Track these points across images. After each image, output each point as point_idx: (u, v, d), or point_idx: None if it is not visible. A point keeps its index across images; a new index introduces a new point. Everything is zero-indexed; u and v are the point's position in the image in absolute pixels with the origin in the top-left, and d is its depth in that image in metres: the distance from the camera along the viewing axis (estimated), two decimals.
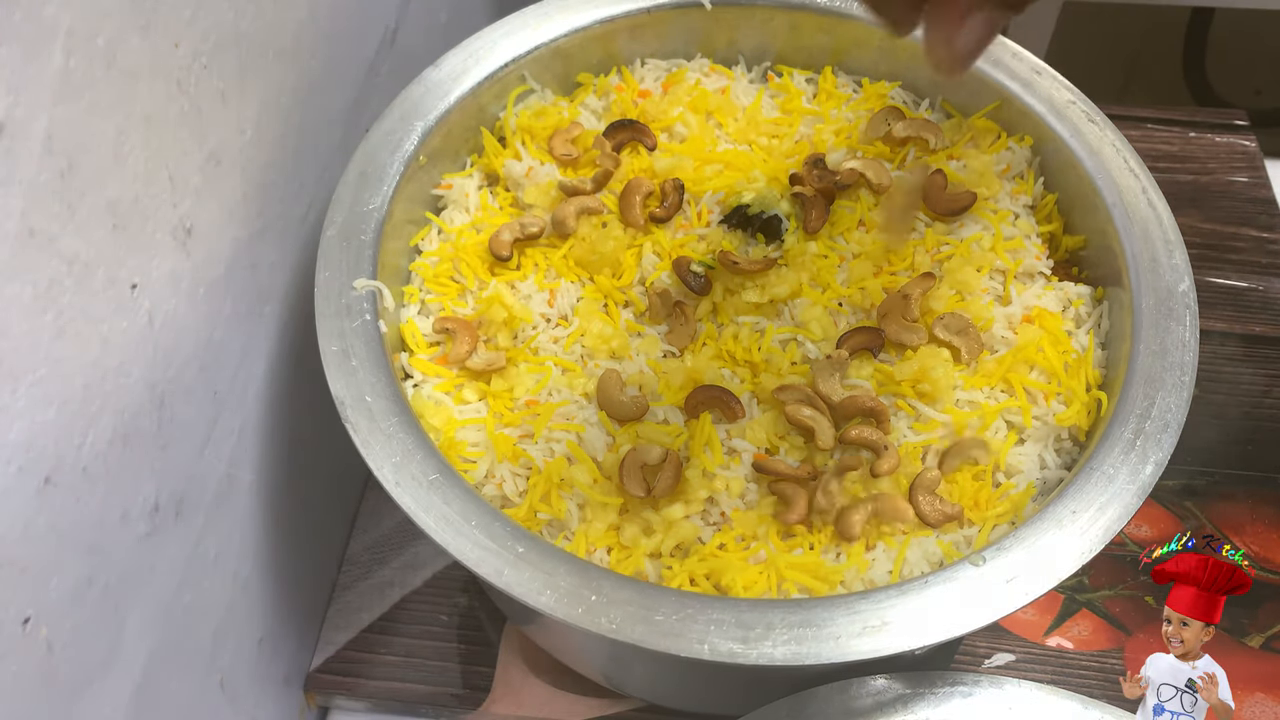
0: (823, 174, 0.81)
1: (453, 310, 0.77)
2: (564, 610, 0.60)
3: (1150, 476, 0.65)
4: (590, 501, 0.69)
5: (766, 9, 0.90)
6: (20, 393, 0.50)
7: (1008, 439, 0.72)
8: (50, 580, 0.54)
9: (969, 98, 0.88)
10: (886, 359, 0.75)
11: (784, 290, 0.76)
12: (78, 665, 0.57)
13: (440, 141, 0.82)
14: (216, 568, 0.72)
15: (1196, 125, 1.22)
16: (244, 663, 0.77)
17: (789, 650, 0.59)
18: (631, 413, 0.71)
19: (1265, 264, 1.11)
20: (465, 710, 0.85)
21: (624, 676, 0.80)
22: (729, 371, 0.75)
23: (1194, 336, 0.71)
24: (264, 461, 0.79)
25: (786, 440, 0.72)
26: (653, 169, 0.83)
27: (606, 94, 0.89)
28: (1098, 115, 0.83)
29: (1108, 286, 0.78)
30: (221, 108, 0.66)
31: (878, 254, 0.79)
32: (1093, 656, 0.87)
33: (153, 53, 0.58)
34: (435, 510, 0.63)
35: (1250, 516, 0.95)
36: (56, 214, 0.51)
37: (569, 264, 0.79)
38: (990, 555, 0.62)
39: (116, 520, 0.59)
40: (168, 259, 0.62)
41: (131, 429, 0.60)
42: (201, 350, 0.67)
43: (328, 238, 0.74)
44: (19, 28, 0.47)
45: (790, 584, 0.66)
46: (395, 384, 0.69)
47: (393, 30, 0.93)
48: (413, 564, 0.91)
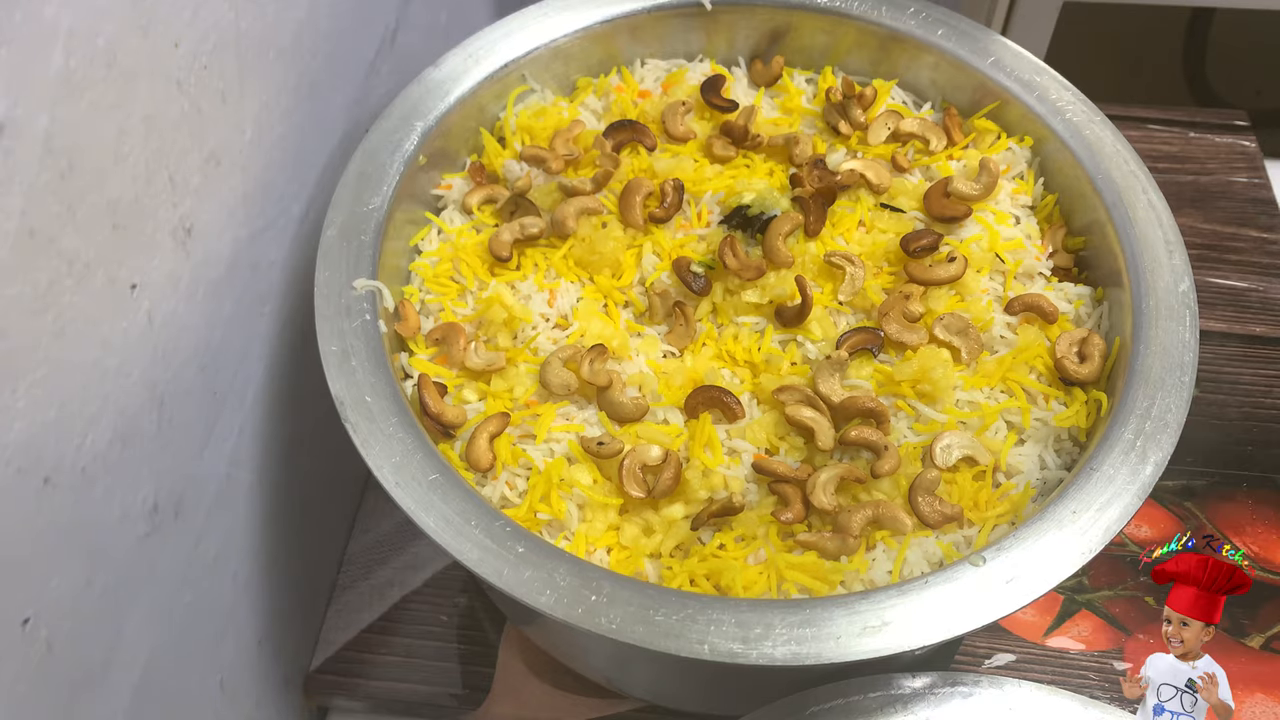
0: (823, 174, 0.81)
1: (452, 310, 0.77)
2: (564, 610, 0.60)
3: (1150, 476, 0.65)
4: (590, 501, 0.69)
5: (766, 9, 0.90)
6: (20, 393, 0.50)
7: (1008, 439, 0.72)
8: (50, 580, 0.54)
9: (969, 98, 0.88)
10: (886, 359, 0.75)
11: (784, 291, 0.76)
12: (78, 665, 0.57)
13: (440, 142, 0.82)
14: (216, 568, 0.72)
15: (1196, 125, 1.22)
16: (244, 663, 0.77)
17: (789, 650, 0.59)
18: (632, 414, 0.71)
19: (1265, 264, 1.11)
20: (465, 710, 0.85)
21: (624, 677, 0.80)
22: (729, 372, 0.75)
23: (1194, 336, 0.71)
24: (264, 461, 0.79)
25: (786, 441, 0.72)
26: (653, 169, 0.83)
27: (606, 94, 0.89)
28: (1098, 115, 0.83)
29: (1108, 287, 0.78)
30: (221, 108, 0.66)
31: (877, 254, 0.79)
32: (1093, 656, 0.87)
33: (153, 53, 0.58)
34: (435, 510, 0.63)
35: (1250, 516, 0.95)
36: (56, 214, 0.51)
37: (569, 264, 0.79)
38: (990, 555, 0.62)
39: (116, 520, 0.59)
40: (168, 259, 0.62)
41: (131, 429, 0.60)
42: (201, 350, 0.67)
43: (328, 238, 0.74)
44: (19, 28, 0.47)
45: (790, 584, 0.66)
46: (395, 384, 0.69)
47: (393, 30, 0.93)
48: (412, 564, 0.91)
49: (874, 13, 0.88)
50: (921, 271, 0.77)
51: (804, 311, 0.74)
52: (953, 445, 0.71)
